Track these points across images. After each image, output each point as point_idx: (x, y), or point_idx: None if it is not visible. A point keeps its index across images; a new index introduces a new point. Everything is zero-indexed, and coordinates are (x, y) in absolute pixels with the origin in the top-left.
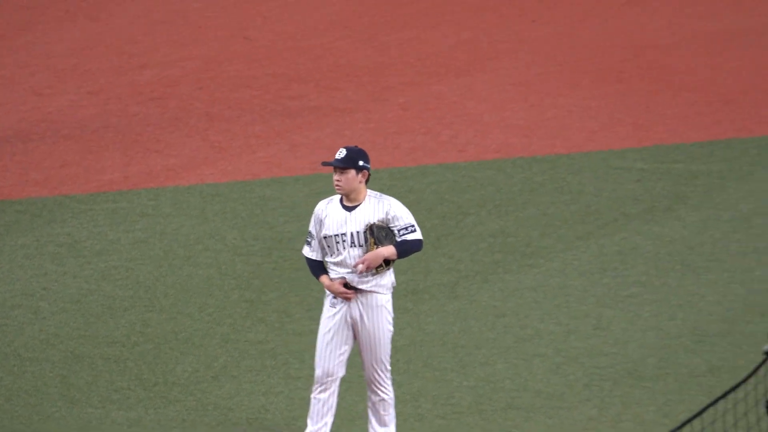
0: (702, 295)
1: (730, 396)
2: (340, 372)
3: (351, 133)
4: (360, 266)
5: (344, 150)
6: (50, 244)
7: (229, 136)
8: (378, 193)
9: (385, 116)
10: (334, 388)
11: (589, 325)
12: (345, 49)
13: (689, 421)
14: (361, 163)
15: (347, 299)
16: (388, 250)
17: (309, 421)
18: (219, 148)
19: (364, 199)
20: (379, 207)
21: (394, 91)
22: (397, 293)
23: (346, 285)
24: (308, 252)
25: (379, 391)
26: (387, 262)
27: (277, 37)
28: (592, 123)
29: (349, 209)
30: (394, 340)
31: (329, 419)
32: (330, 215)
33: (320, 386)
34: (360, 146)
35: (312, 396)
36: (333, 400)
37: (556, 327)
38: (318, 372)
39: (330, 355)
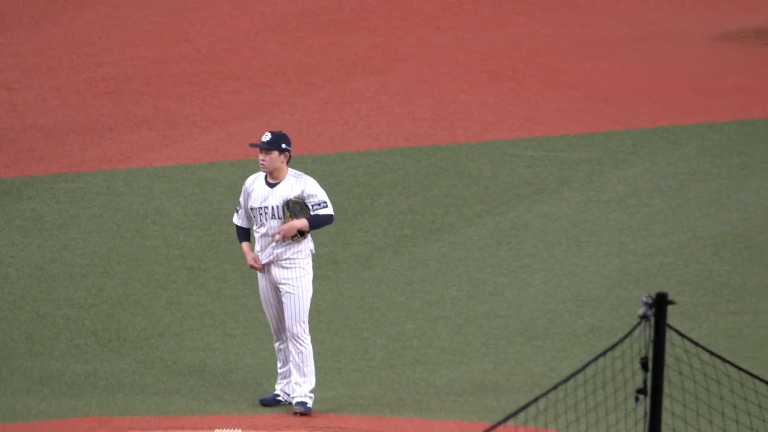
0: (584, 266)
1: (609, 354)
2: (285, 325)
3: (279, 123)
4: (277, 236)
5: (269, 134)
6: (17, 218)
7: (173, 125)
8: (298, 173)
9: (309, 109)
10: (284, 338)
11: (486, 291)
12: (273, 50)
13: (573, 375)
14: (283, 145)
15: (255, 269)
16: (301, 222)
17: (279, 364)
18: (164, 136)
19: (285, 177)
20: (297, 185)
21: (317, 87)
22: (319, 263)
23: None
24: (236, 219)
25: (298, 344)
26: (302, 233)
27: (215, 40)
28: (489, 116)
29: (272, 185)
30: (316, 304)
31: (290, 366)
32: (255, 189)
33: (275, 339)
34: (286, 134)
35: (274, 346)
36: (288, 349)
37: (458, 293)
38: (271, 329)
39: (270, 314)
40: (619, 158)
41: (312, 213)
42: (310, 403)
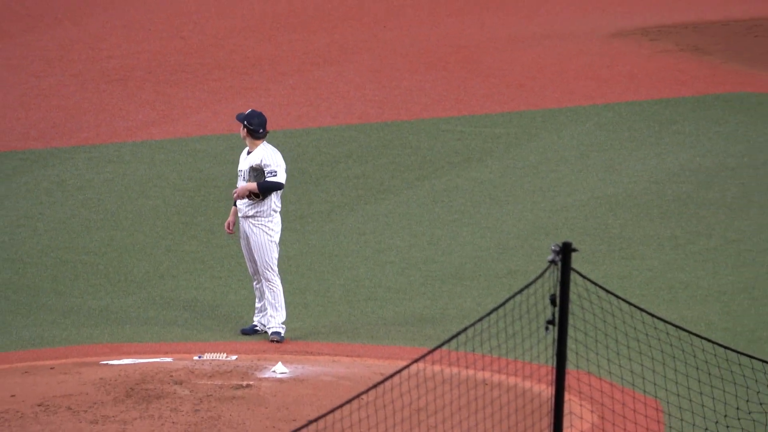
0: (504, 220)
1: (524, 292)
2: (256, 268)
3: (255, 104)
4: (234, 195)
5: (247, 111)
6: (44, 182)
7: (170, 106)
8: (266, 146)
9: (280, 93)
10: (259, 279)
11: (424, 241)
12: (251, 45)
13: (495, 309)
14: (246, 122)
15: (229, 231)
16: (251, 185)
17: (256, 301)
18: (163, 115)
19: (257, 148)
20: (258, 154)
21: (286, 76)
22: (287, 218)
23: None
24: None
25: (270, 285)
26: (257, 195)
27: (204, 37)
28: (426, 98)
29: (248, 154)
30: (286, 251)
31: (264, 302)
32: (241, 158)
33: (253, 280)
34: (262, 114)
35: (253, 285)
36: (263, 288)
37: (401, 242)
38: (249, 272)
39: (248, 260)
40: (531, 133)
41: (264, 179)
42: (282, 332)
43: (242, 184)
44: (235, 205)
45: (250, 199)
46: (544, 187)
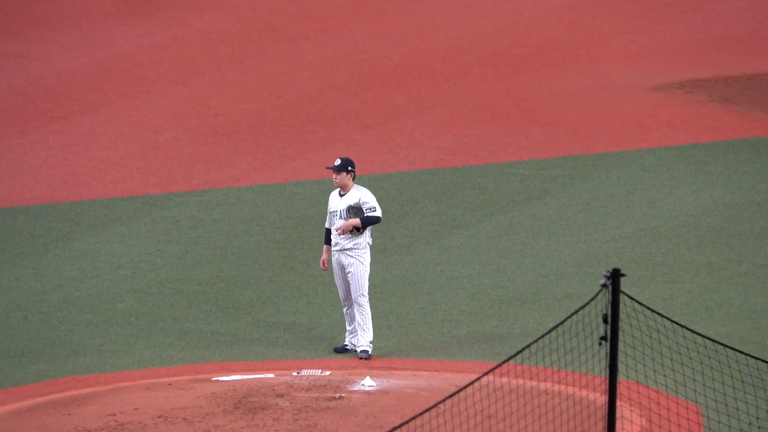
0: (561, 250)
1: (580, 312)
2: (350, 296)
3: (344, 153)
4: (339, 231)
5: (339, 159)
6: (161, 222)
7: (269, 155)
8: (359, 187)
9: (365, 143)
10: (349, 305)
11: (492, 269)
12: (340, 101)
13: (554, 328)
14: (349, 167)
15: (323, 268)
16: (355, 221)
17: (347, 324)
18: (264, 162)
19: (350, 190)
20: (357, 195)
21: (370, 128)
22: (374, 251)
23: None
24: (326, 224)
25: (360, 309)
26: (358, 229)
27: (299, 95)
28: (491, 145)
29: (341, 196)
30: (373, 279)
31: (355, 324)
32: (332, 200)
33: (343, 306)
34: (350, 158)
35: (344, 311)
36: (353, 312)
37: (472, 270)
38: (341, 299)
39: (340, 288)
40: (584, 174)
41: (365, 215)
42: (370, 350)
43: (340, 222)
44: (326, 243)
45: (351, 234)
46: (596, 221)
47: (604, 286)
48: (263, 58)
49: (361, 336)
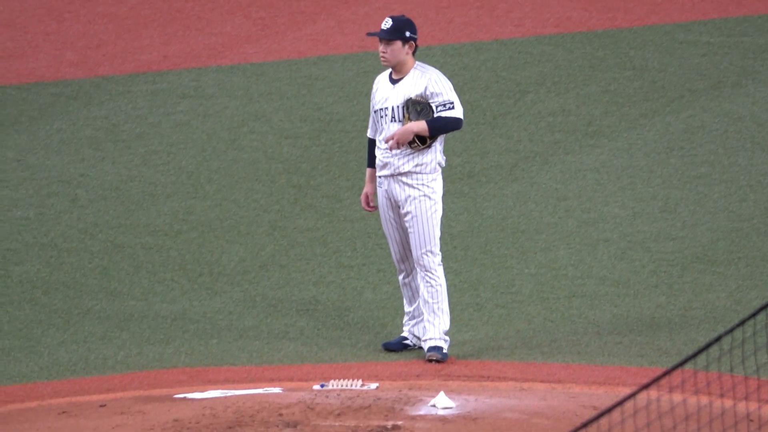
0: None
1: None
2: (411, 255)
3: (400, 7)
4: (390, 142)
5: (390, 20)
6: (87, 128)
7: (272, 12)
8: (424, 66)
9: None
10: (409, 270)
11: (655, 208)
12: None
13: (762, 309)
14: (407, 33)
15: (368, 209)
16: (419, 126)
17: (405, 303)
18: (262, 25)
19: (408, 72)
20: (421, 81)
21: None
22: (452, 176)
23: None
24: (369, 131)
25: (428, 278)
26: (423, 140)
27: None
28: None
29: (394, 82)
30: (449, 227)
31: (419, 303)
32: (379, 89)
33: (399, 272)
34: (410, 19)
35: (399, 280)
36: (415, 283)
37: (621, 210)
38: (394, 259)
39: (393, 239)
40: None
41: (435, 115)
42: (445, 348)
43: (393, 127)
44: (370, 165)
45: (412, 148)
46: None
47: None
48: None
49: (430, 322)
